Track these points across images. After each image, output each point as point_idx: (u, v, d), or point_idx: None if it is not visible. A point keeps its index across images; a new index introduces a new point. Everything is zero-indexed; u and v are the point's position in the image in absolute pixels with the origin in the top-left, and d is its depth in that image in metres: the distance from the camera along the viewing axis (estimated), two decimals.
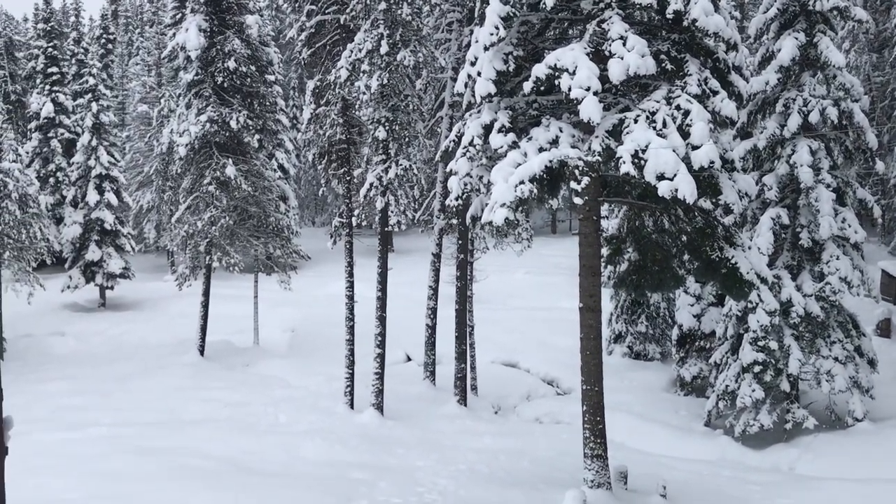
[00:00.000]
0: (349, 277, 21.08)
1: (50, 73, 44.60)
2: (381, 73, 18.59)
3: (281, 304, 32.76)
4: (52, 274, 38.20)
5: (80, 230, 37.49)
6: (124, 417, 19.09)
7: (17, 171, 29.97)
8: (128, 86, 56.27)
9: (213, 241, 25.94)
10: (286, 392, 22.54)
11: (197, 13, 25.29)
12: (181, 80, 26.71)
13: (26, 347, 29.44)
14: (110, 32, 66.75)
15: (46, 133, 43.60)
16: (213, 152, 25.41)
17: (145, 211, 47.44)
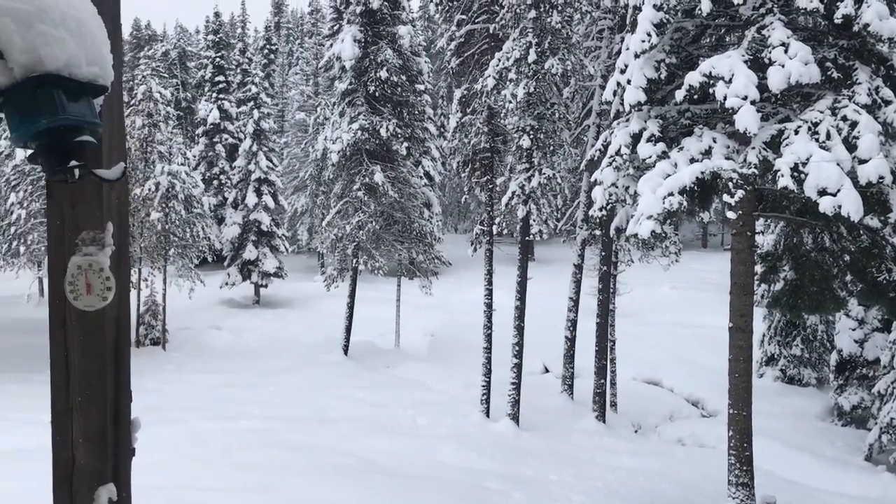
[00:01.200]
0: (488, 285, 21.13)
1: (217, 82, 47.58)
2: (528, 81, 18.54)
3: (422, 308, 33.30)
4: (212, 271, 40.69)
5: (239, 230, 39.69)
6: (273, 411, 19.96)
7: (185, 174, 32.14)
8: (287, 94, 59.12)
9: (359, 245, 26.75)
10: (425, 395, 22.87)
11: (353, 24, 26.21)
12: (336, 89, 27.76)
13: (186, 339, 31.47)
14: (273, 43, 70.37)
15: (212, 138, 46.52)
16: (363, 159, 26.23)
17: (299, 214, 49.60)
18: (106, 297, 1.68)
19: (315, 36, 61.49)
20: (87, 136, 1.50)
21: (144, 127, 33.02)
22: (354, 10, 26.21)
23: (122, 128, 1.84)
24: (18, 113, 1.45)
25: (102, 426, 1.72)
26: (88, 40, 1.49)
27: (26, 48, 1.39)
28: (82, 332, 1.70)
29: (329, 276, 29.02)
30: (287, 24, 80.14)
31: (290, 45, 72.93)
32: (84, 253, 1.68)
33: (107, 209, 1.71)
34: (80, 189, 1.67)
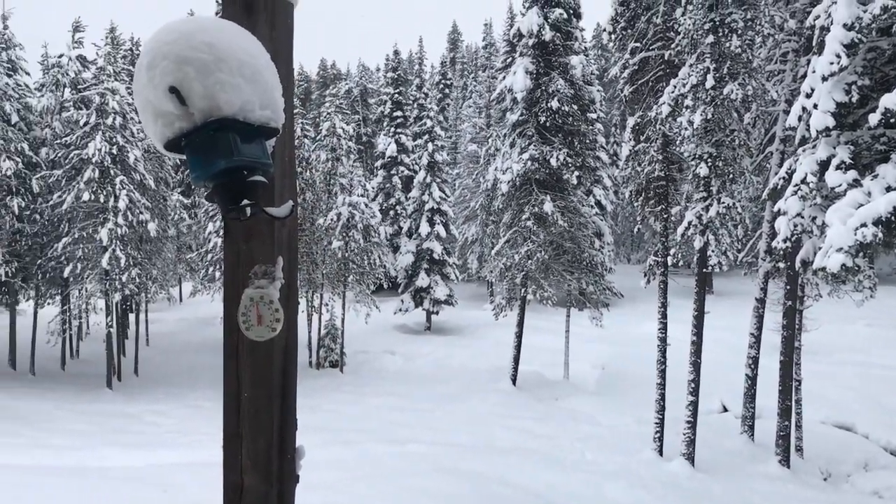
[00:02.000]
0: (662, 318, 20.42)
1: (395, 117, 49.55)
2: (705, 107, 17.89)
3: (591, 340, 32.71)
4: (387, 297, 42.12)
5: (413, 258, 40.90)
6: (442, 437, 20.23)
7: (364, 205, 33.61)
8: (460, 127, 60.53)
9: (528, 274, 26.73)
10: (593, 429, 22.36)
11: (525, 56, 26.47)
12: (507, 120, 28.08)
13: (362, 363, 32.66)
14: (448, 78, 72.41)
15: (389, 170, 48.41)
16: (533, 189, 26.29)
17: (470, 243, 50.42)
18: (275, 328, 1.75)
19: (488, 69, 62.70)
20: (259, 176, 1.58)
21: (328, 161, 34.90)
22: (527, 42, 26.47)
23: (294, 167, 1.92)
24: (198, 155, 1.55)
25: (268, 453, 1.79)
26: (262, 86, 1.58)
27: (206, 94, 1.49)
28: (252, 361, 1.79)
29: (498, 304, 29.17)
30: (462, 58, 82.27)
31: (465, 79, 74.73)
32: (256, 286, 1.77)
33: (277, 245, 1.79)
34: (254, 226, 1.76)
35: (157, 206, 31.95)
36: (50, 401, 24.90)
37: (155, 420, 22.81)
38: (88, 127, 28.27)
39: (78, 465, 15.19)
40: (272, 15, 1.80)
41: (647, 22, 20.79)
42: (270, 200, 1.76)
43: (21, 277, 29.98)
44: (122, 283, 27.75)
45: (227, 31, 1.59)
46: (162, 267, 33.78)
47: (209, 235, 34.42)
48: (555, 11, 26.26)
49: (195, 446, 17.21)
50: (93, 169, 27.36)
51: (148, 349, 36.19)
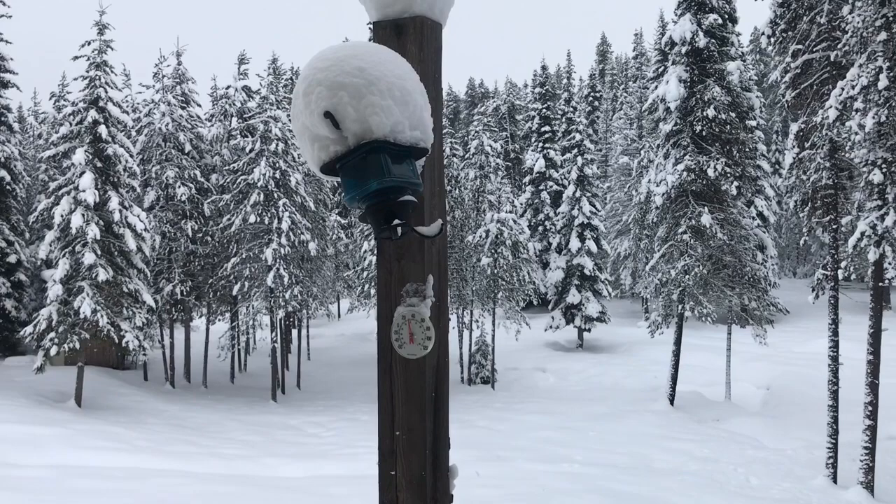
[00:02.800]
0: (833, 336, 19.09)
1: (543, 132, 49.51)
2: (878, 109, 16.64)
3: (755, 358, 31.10)
4: (536, 314, 41.94)
5: (563, 275, 40.53)
6: (594, 457, 19.82)
7: (512, 221, 33.70)
8: (610, 139, 59.62)
9: (686, 290, 25.80)
10: (758, 453, 21.17)
11: (678, 65, 25.73)
12: (660, 130, 27.37)
13: (513, 380, 32.64)
14: (597, 90, 71.58)
15: (538, 186, 48.34)
16: (689, 201, 25.40)
17: (622, 258, 49.39)
18: (427, 346, 1.76)
19: (639, 80, 61.48)
20: (409, 196, 1.60)
21: (476, 178, 35.31)
22: (679, 50, 25.72)
23: (443, 186, 1.93)
24: (352, 177, 1.59)
25: (422, 472, 1.80)
26: (412, 107, 1.60)
27: (358, 118, 1.53)
28: (405, 379, 1.80)
29: (653, 321, 28.32)
30: (611, 70, 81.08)
31: (614, 90, 73.59)
32: (408, 304, 1.78)
33: (428, 263, 1.80)
34: (405, 245, 1.78)
35: (317, 227, 33.46)
36: (221, 412, 26.53)
37: (316, 432, 23.76)
38: (254, 153, 30.08)
39: (246, 473, 16.06)
40: (420, 36, 1.82)
41: (809, 22, 19.65)
42: (420, 219, 1.78)
43: (195, 296, 32.21)
44: (286, 300, 29.21)
45: (377, 54, 1.62)
46: (321, 284, 35.32)
47: (364, 254, 35.67)
48: (709, 17, 25.38)
49: (354, 458, 17.76)
50: (258, 193, 29.05)
51: (309, 363, 37.86)
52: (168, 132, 31.46)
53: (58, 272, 24.02)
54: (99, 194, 24.54)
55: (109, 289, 24.57)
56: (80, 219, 23.86)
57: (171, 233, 30.72)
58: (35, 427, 18.81)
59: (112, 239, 24.94)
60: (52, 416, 21.35)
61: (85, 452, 16.46)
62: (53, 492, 11.91)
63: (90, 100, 25.55)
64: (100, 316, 23.43)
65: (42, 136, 42.85)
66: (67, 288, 23.99)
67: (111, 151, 25.18)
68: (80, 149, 24.57)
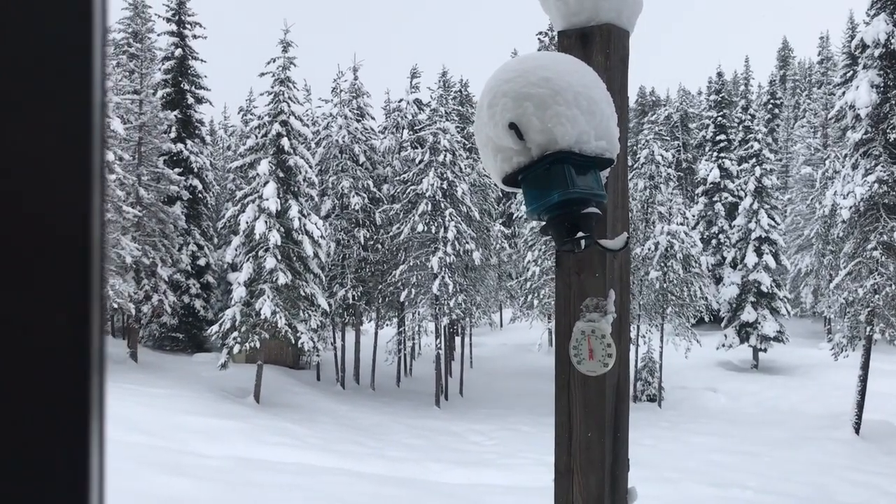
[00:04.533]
0: None
1: (718, 141, 47.50)
2: None
3: None
4: (708, 331, 40.17)
5: (737, 291, 38.59)
6: (769, 485, 18.67)
7: (683, 233, 32.54)
8: (792, 148, 56.24)
9: (875, 311, 23.83)
10: None
11: (869, 69, 23.88)
12: (848, 139, 25.49)
13: (682, 399, 31.43)
14: (777, 97, 67.86)
15: (711, 197, 46.37)
16: (881, 214, 23.48)
17: (803, 275, 46.35)
18: (607, 363, 1.71)
19: (825, 86, 57.59)
20: (593, 208, 1.55)
21: (646, 189, 34.45)
22: (871, 53, 23.86)
23: (626, 198, 1.87)
24: (534, 188, 1.57)
25: (601, 492, 1.74)
26: (597, 116, 1.56)
27: (543, 129, 1.50)
28: (583, 395, 1.75)
29: (837, 343, 26.36)
30: (793, 76, 76.52)
31: (797, 97, 69.39)
32: (587, 319, 1.74)
33: (609, 278, 1.75)
34: (585, 258, 1.73)
35: (481, 237, 33.85)
36: (387, 414, 27.36)
37: (477, 440, 23.96)
38: (423, 164, 30.90)
39: (410, 477, 16.43)
40: (607, 43, 1.77)
41: None
42: (603, 232, 1.73)
43: (365, 301, 33.46)
44: (450, 308, 29.72)
45: (563, 63, 1.60)
46: (485, 293, 35.66)
47: (528, 264, 35.63)
48: None
49: (515, 469, 17.73)
50: (426, 202, 29.80)
51: (471, 371, 38.29)
52: (344, 144, 32.93)
53: (242, 275, 25.74)
54: (280, 203, 26.08)
55: (288, 292, 26.02)
56: (263, 225, 25.44)
57: (345, 240, 32.10)
58: (217, 420, 20.18)
59: (291, 245, 26.40)
60: (233, 410, 22.84)
61: (261, 446, 17.47)
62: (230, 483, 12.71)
63: (274, 114, 27.24)
64: (278, 317, 24.86)
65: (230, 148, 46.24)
66: (250, 290, 25.64)
67: (292, 163, 26.70)
68: (265, 160, 26.23)
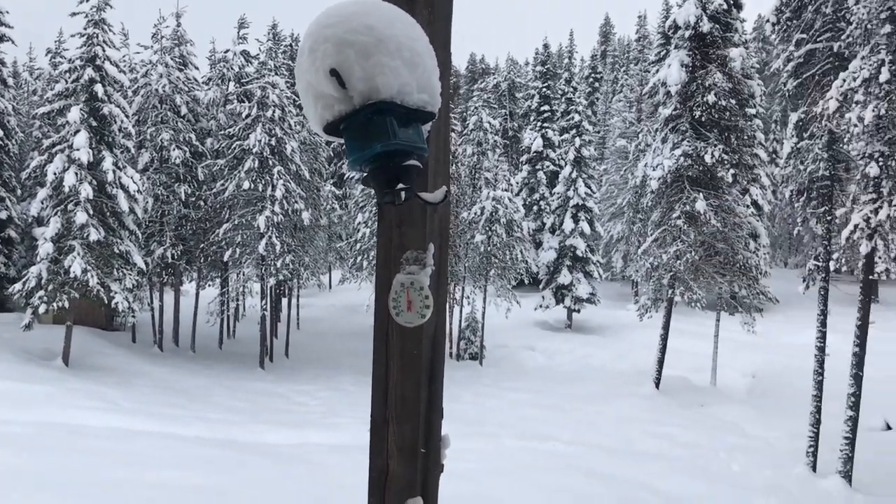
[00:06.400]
0: (821, 327, 19.19)
1: (542, 111, 49.29)
2: (878, 103, 16.60)
3: (742, 346, 31.26)
4: (527, 293, 41.99)
5: (555, 255, 40.55)
6: (580, 437, 19.95)
7: (508, 199, 33.63)
8: (609, 121, 59.41)
9: (676, 275, 25.85)
10: (741, 441, 21.35)
11: (680, 49, 25.57)
12: (659, 115, 27.26)
13: (502, 357, 32.75)
14: (598, 72, 71.24)
15: (534, 165, 48.21)
16: (685, 186, 25.38)
17: (615, 241, 49.42)
18: (424, 314, 1.73)
19: (641, 62, 61.13)
20: (414, 161, 1.56)
21: (474, 155, 35.20)
22: (683, 34, 25.56)
23: (448, 153, 1.90)
24: (356, 138, 1.55)
25: (415, 440, 1.78)
26: (420, 69, 1.55)
27: (365, 77, 1.48)
28: (401, 347, 1.78)
29: (643, 305, 28.43)
30: (613, 52, 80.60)
31: (615, 72, 73.22)
32: (407, 271, 1.76)
33: (429, 231, 1.77)
34: (406, 211, 1.74)
35: (311, 196, 33.33)
36: (208, 377, 26.57)
37: (303, 400, 23.83)
38: (250, 119, 29.86)
39: (232, 439, 16.10)
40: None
41: (815, 11, 19.54)
42: (424, 185, 1.74)
43: (185, 260, 32.11)
44: (277, 269, 29.16)
45: (387, 13, 1.58)
46: (314, 254, 35.27)
47: (358, 225, 35.58)
48: (714, 2, 25.20)
49: (340, 428, 17.83)
50: (253, 159, 28.89)
51: (298, 333, 37.89)
52: (165, 94, 31.17)
53: (49, 230, 23.88)
54: (93, 154, 24.35)
55: (100, 249, 24.46)
56: (74, 177, 23.68)
57: (164, 196, 30.55)
58: (22, 384, 18.78)
59: (105, 199, 24.78)
60: (39, 373, 21.32)
61: (71, 411, 16.45)
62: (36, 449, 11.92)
63: (87, 58, 25.26)
64: (90, 276, 23.35)
65: (37, 93, 42.43)
66: (58, 246, 23.87)
67: (107, 111, 24.95)
68: (76, 107, 24.34)
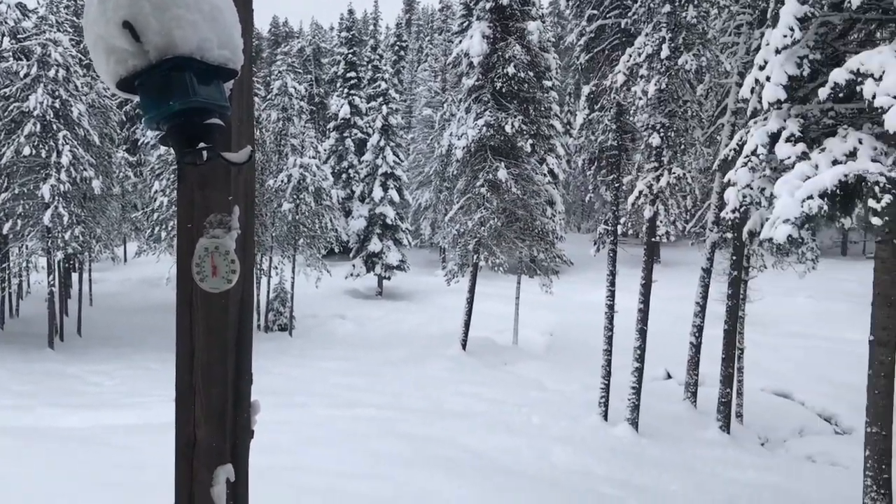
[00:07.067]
0: (610, 286, 20.71)
1: (349, 78, 48.86)
2: (660, 77, 18.01)
3: (541, 307, 33.06)
4: (338, 262, 41.89)
5: (365, 223, 40.68)
6: (392, 401, 20.31)
7: (315, 167, 33.20)
8: (415, 90, 60.04)
9: (481, 241, 26.81)
10: (541, 395, 22.68)
11: (482, 20, 26.26)
12: (463, 85, 27.92)
13: (312, 327, 32.53)
14: (403, 40, 71.57)
15: (342, 133, 47.82)
16: (488, 155, 26.26)
17: (423, 209, 50.31)
18: (230, 279, 1.70)
19: (445, 32, 62.11)
20: (216, 119, 1.51)
21: (279, 121, 34.33)
22: (484, 6, 26.24)
23: (252, 112, 1.85)
24: (152, 95, 1.47)
25: (223, 407, 1.75)
26: (220, 24, 1.50)
27: (161, 30, 1.41)
28: (206, 313, 1.73)
29: (450, 270, 29.26)
30: (418, 20, 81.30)
31: (420, 41, 73.95)
32: (211, 235, 1.70)
33: (234, 193, 1.73)
34: (209, 172, 1.69)
35: (102, 163, 31.12)
36: None
37: (98, 381, 22.44)
38: (29, 79, 27.28)
39: (21, 425, 14.88)
40: None
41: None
42: (227, 145, 1.69)
43: None
44: (65, 242, 27.05)
45: None
46: (106, 226, 33.00)
47: (155, 194, 33.68)
48: None
49: (143, 407, 16.98)
50: (34, 123, 26.48)
51: (91, 309, 35.47)
52: None
53: None
54: None
55: None
56: None
57: None
58: None
59: None
60: None
61: None
62: None
63: None
64: None
65: None
66: None
67: None
68: None
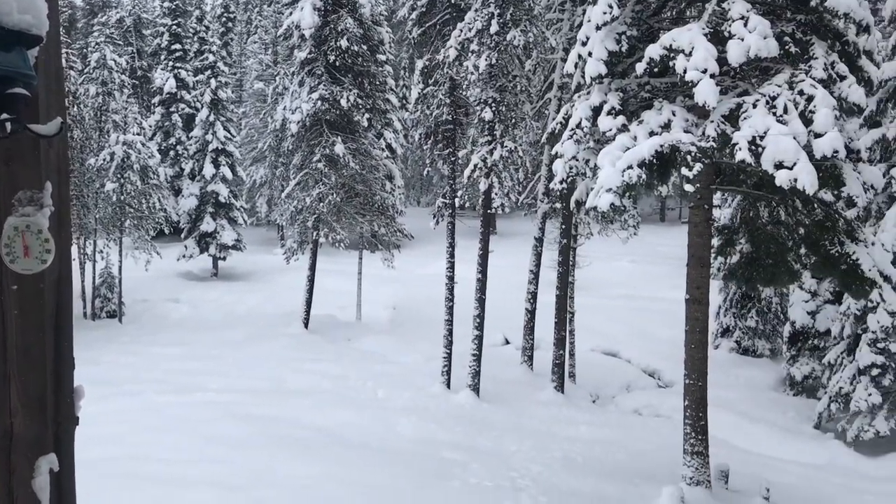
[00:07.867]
0: (450, 258, 21.14)
1: (174, 50, 46.54)
2: (490, 52, 18.44)
3: (384, 281, 33.25)
4: (168, 243, 40.07)
5: (197, 202, 39.09)
6: (232, 384, 19.81)
7: (140, 144, 31.49)
8: (245, 63, 58.11)
9: (320, 217, 26.52)
10: (385, 368, 22.89)
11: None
12: (295, 58, 27.32)
13: (143, 312, 31.03)
14: (230, 11, 68.81)
15: (168, 108, 45.58)
16: (324, 130, 25.92)
17: (258, 185, 48.99)
18: (45, 259, 1.61)
19: (274, 4, 60.34)
20: (20, 89, 1.42)
21: (99, 95, 32.26)
22: None
23: (61, 81, 1.75)
24: None
25: (42, 393, 1.65)
26: None
27: None
28: (20, 296, 1.63)
29: (289, 248, 28.75)
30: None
31: (249, 13, 71.52)
32: (21, 213, 1.60)
33: (45, 167, 1.63)
34: (15, 146, 1.58)
35: None
36: None
37: None
38: None
39: None
40: None
41: None
42: (35, 117, 1.59)
43: None
44: None
45: None
46: None
47: None
48: None
49: None
50: None
51: None
52: None
53: None
54: None
55: None
56: None
57: None
58: None
59: None
60: None
61: None
62: None
63: None
64: None
65: None
66: None
67: None
68: None
